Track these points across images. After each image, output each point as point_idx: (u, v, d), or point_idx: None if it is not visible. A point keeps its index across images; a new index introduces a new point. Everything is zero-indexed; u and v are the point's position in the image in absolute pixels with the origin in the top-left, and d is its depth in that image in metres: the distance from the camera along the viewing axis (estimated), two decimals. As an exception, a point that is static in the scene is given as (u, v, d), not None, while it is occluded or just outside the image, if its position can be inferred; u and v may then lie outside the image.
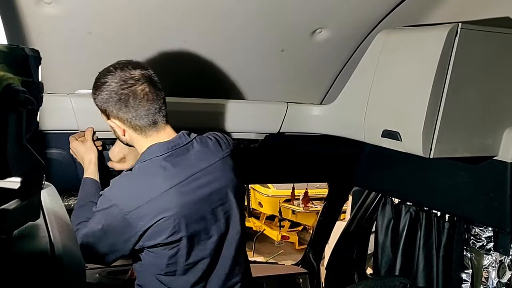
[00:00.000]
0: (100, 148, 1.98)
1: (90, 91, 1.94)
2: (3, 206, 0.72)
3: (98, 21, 1.70)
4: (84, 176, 1.91)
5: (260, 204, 7.41)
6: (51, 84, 1.82)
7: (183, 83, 2.09)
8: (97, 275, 2.53)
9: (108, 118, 1.69)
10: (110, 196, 1.66)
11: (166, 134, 1.71)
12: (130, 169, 1.74)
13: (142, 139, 1.69)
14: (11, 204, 0.74)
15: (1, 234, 0.72)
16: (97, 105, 1.69)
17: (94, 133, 1.97)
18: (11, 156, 0.69)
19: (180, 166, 1.67)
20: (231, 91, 2.19)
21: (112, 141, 2.09)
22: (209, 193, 1.72)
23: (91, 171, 1.90)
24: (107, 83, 1.63)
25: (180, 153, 1.69)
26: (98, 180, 1.90)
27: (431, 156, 1.79)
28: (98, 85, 1.66)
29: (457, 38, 1.70)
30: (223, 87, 2.17)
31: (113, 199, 1.64)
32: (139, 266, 1.79)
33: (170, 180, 1.64)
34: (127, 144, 1.77)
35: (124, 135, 1.71)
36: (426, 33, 1.81)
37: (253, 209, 7.66)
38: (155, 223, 1.62)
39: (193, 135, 1.76)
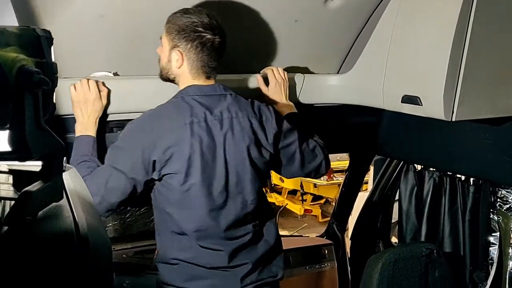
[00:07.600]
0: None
1: (106, 73, 1.95)
2: (26, 188, 0.73)
3: (109, 3, 1.69)
4: (82, 130, 1.82)
5: (281, 179, 7.38)
6: (66, 68, 1.82)
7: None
8: (124, 255, 2.57)
9: (171, 48, 1.73)
10: (136, 122, 1.74)
11: (208, 83, 1.78)
12: None
13: (188, 78, 1.75)
14: (34, 186, 0.74)
15: (26, 215, 0.73)
16: (167, 28, 1.72)
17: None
18: (30, 137, 0.70)
19: (206, 107, 1.72)
20: (245, 65, 2.16)
21: (123, 125, 2.08)
22: (226, 140, 1.73)
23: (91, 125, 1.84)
24: (190, 15, 1.68)
25: (211, 99, 1.75)
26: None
27: (453, 119, 1.76)
28: (180, 11, 1.70)
29: (476, -5, 1.65)
30: (237, 62, 2.14)
31: (138, 124, 1.73)
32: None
33: (191, 117, 1.69)
34: (167, 78, 1.80)
35: (179, 68, 1.74)
36: (443, -7, 1.75)
37: (275, 184, 7.62)
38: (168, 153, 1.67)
39: (229, 90, 1.81)
